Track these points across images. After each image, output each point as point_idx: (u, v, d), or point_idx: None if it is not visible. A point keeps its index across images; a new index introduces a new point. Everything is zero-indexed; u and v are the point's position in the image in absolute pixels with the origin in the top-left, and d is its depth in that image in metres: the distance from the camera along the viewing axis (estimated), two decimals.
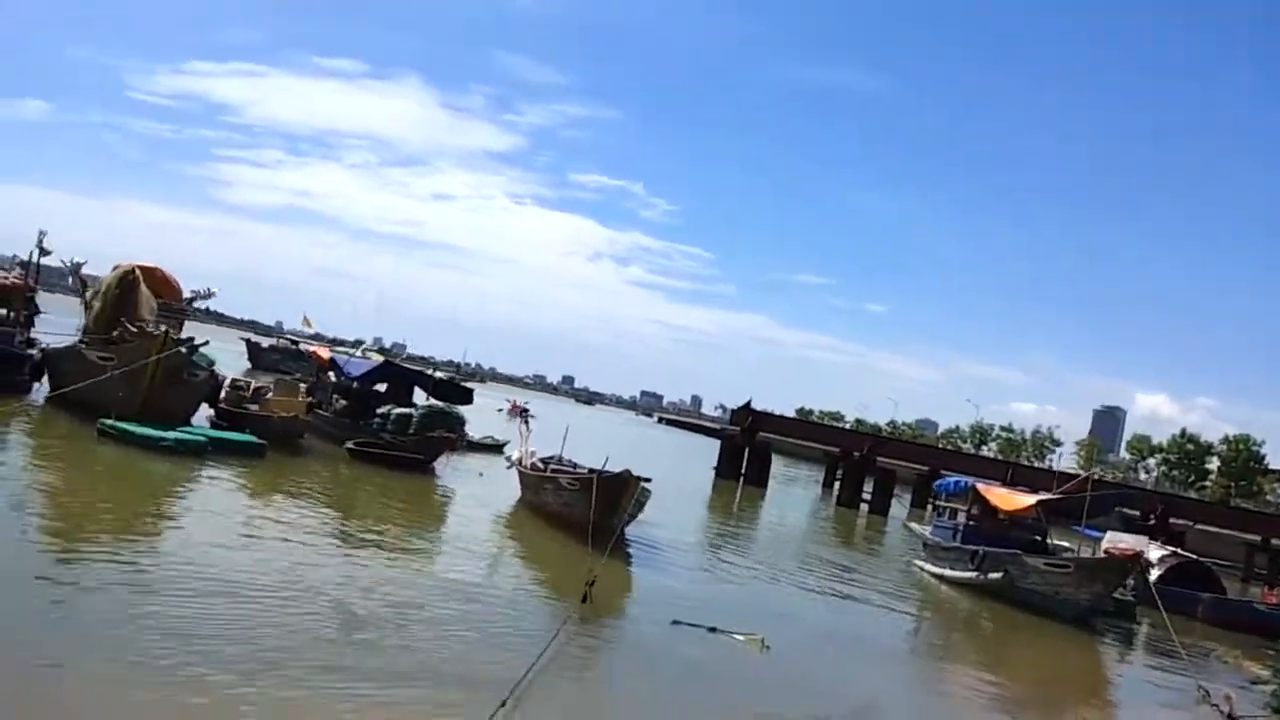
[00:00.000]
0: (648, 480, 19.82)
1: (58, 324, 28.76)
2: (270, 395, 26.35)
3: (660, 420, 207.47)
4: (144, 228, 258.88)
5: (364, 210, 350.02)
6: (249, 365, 58.90)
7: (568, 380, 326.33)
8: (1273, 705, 15.90)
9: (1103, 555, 21.78)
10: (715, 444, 59.16)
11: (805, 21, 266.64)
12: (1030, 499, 23.74)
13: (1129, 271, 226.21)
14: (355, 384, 29.63)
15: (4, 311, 25.89)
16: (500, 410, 64.68)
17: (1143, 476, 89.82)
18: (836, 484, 51.24)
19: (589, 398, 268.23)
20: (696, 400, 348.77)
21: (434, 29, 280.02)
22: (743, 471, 49.27)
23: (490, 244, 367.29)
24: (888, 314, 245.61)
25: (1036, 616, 21.53)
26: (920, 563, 26.88)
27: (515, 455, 25.49)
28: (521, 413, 66.49)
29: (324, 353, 32.15)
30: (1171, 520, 44.54)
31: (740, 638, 13.90)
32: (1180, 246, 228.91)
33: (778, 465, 72.82)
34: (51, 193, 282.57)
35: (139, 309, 23.88)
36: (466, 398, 30.16)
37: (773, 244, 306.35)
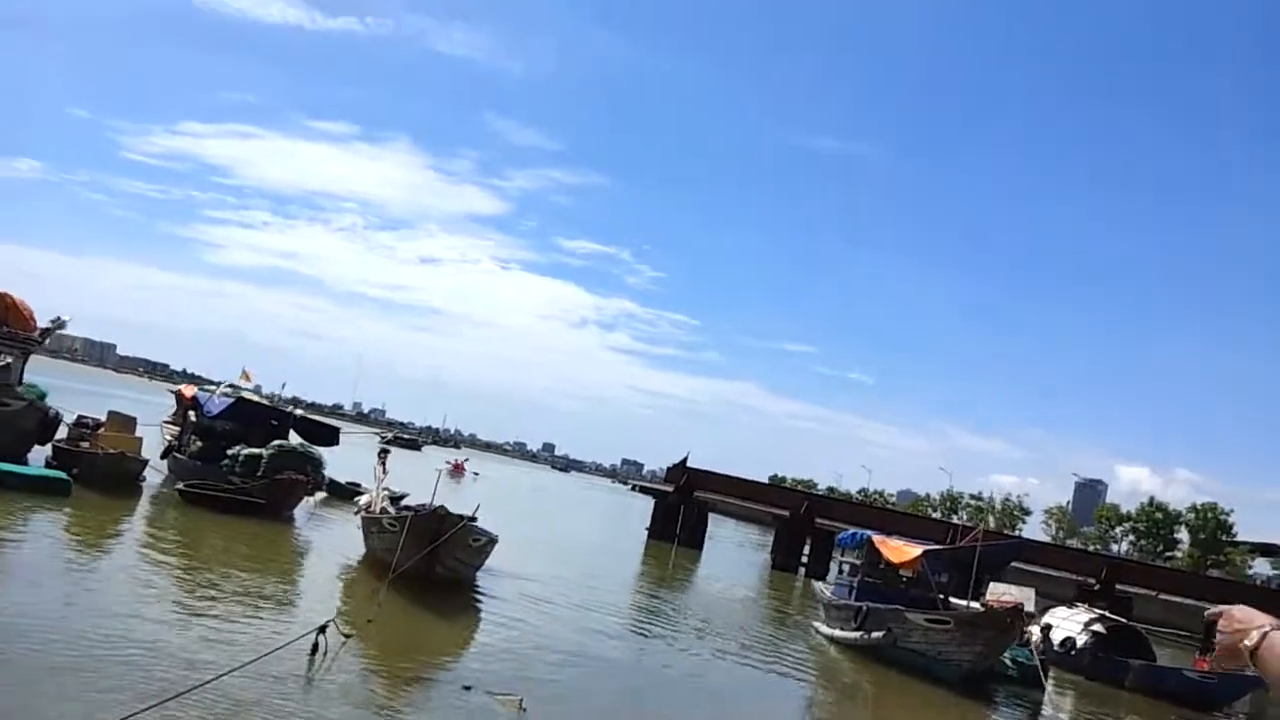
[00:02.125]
0: (471, 519, 17.72)
1: None
2: (102, 431, 24.12)
3: (634, 487, 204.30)
4: (131, 288, 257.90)
5: (350, 273, 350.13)
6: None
7: (548, 447, 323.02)
8: None
9: (980, 610, 19.43)
10: None
11: (792, 87, 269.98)
12: (917, 549, 21.54)
13: (1115, 344, 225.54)
14: (212, 423, 27.38)
15: None
16: (439, 470, 62.17)
17: (1114, 548, 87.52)
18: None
19: (566, 465, 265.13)
20: None
21: (425, 92, 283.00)
22: (677, 532, 46.77)
23: (475, 308, 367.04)
24: (875, 384, 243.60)
25: (922, 681, 19.24)
26: (817, 624, 24.61)
27: (364, 500, 23.17)
28: (463, 472, 64.20)
29: (187, 390, 29.93)
30: (1118, 586, 42.40)
31: (500, 697, 11.65)
32: (1166, 318, 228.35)
33: (726, 528, 70.70)
34: (40, 252, 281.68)
35: None
36: (330, 438, 27.95)
37: (759, 311, 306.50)
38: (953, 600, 21.93)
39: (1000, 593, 19.18)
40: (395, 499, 24.49)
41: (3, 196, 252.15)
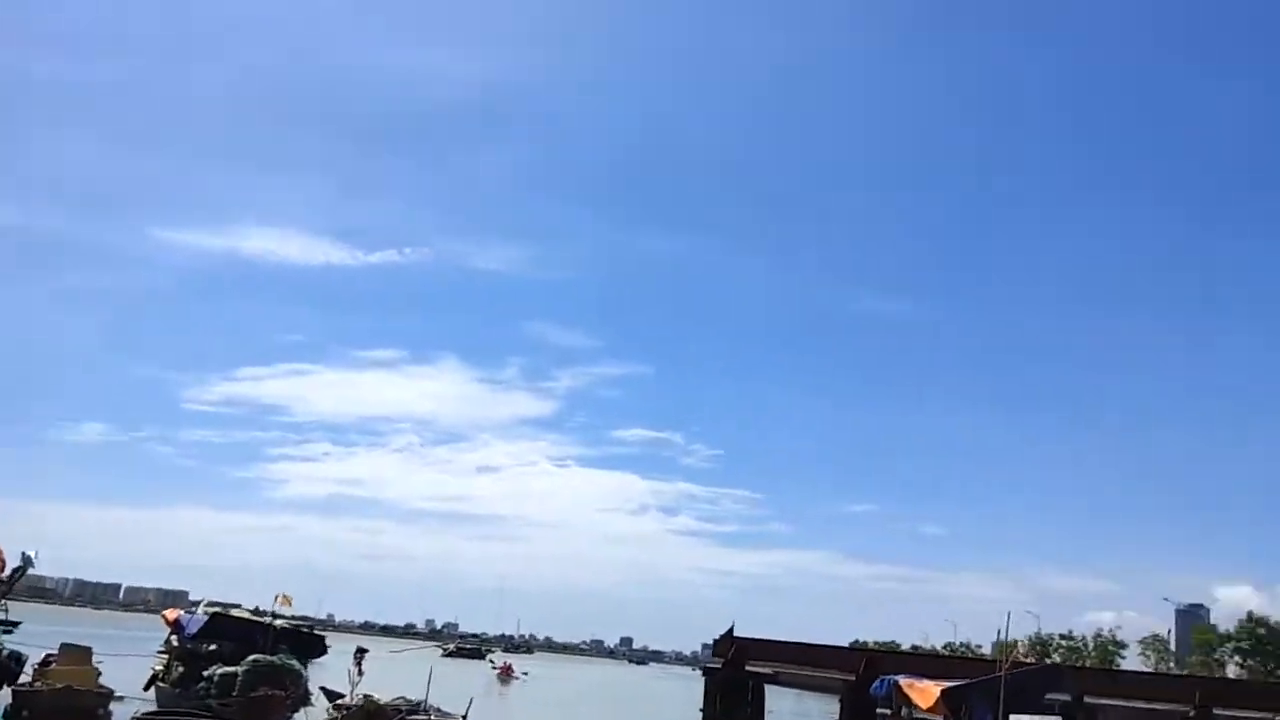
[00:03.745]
0: (412, 710, 15.87)
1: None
2: (53, 665, 22.62)
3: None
4: (200, 533, 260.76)
5: (410, 490, 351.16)
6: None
7: (625, 641, 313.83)
8: None
9: None
10: None
11: (820, 253, 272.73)
12: (937, 689, 19.05)
13: (1194, 466, 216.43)
14: (193, 644, 25.78)
15: None
16: (493, 667, 59.72)
17: (1230, 671, 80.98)
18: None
19: (644, 657, 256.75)
20: None
21: (467, 308, 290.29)
22: (717, 710, 43.50)
23: (535, 509, 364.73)
24: (950, 534, 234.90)
25: None
26: None
27: (342, 703, 21.27)
28: (511, 674, 61.83)
29: (170, 614, 28.38)
30: (1216, 710, 38.27)
31: None
32: (1246, 430, 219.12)
33: (787, 700, 66.27)
34: (113, 509, 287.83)
35: None
36: (315, 647, 26.15)
37: (818, 476, 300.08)
38: None
39: None
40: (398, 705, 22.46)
41: (74, 461, 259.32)
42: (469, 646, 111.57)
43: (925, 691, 19.56)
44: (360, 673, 22.40)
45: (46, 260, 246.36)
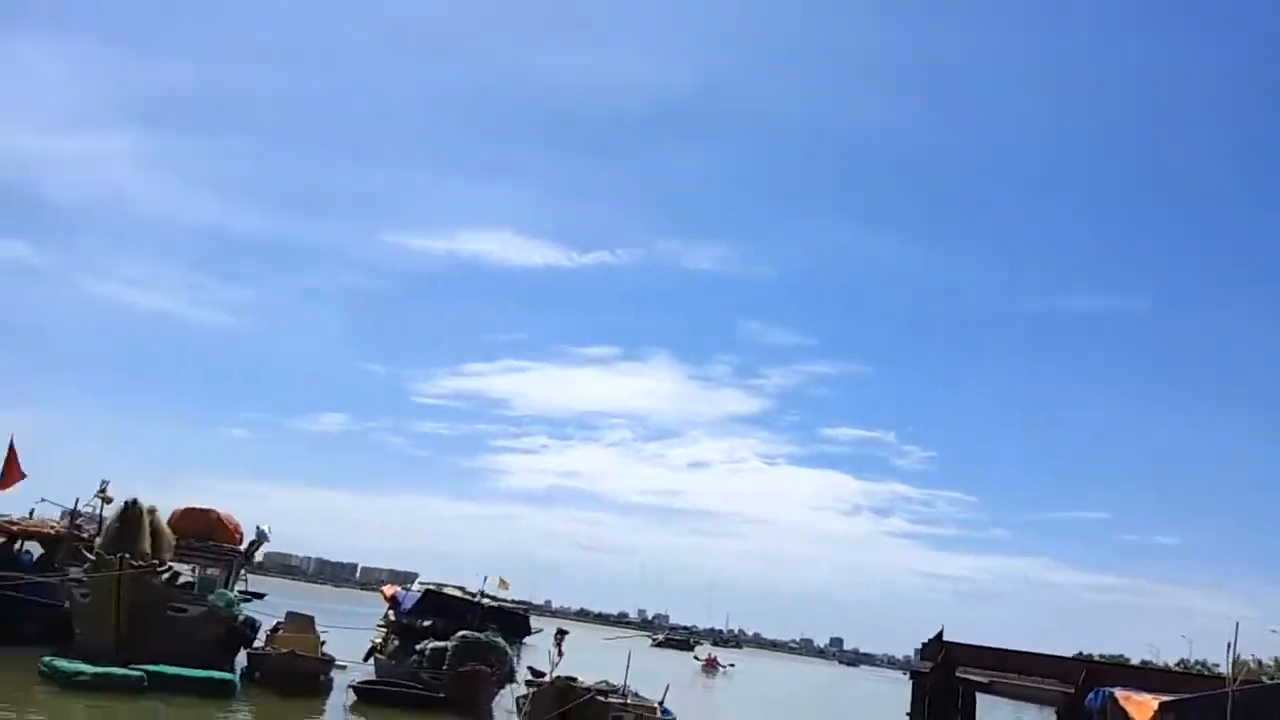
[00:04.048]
0: (605, 692, 16.18)
1: None
2: (279, 632, 24.27)
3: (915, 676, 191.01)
4: (429, 520, 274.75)
5: (625, 484, 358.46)
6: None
7: (836, 642, 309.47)
8: None
9: None
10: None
11: (1044, 250, 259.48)
12: (1154, 702, 17.73)
13: None
14: (408, 620, 27.14)
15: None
16: (698, 659, 60.09)
17: None
18: None
19: (854, 659, 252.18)
20: None
21: (679, 307, 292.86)
22: (925, 714, 42.08)
23: (747, 506, 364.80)
24: (1181, 545, 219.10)
25: None
26: None
27: (538, 680, 21.88)
28: (716, 667, 62.21)
29: (388, 590, 30.03)
30: None
31: None
32: None
33: (1003, 711, 63.51)
34: (346, 494, 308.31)
35: (139, 543, 22.22)
36: (521, 627, 27.01)
37: (1040, 480, 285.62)
38: None
39: None
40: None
41: (316, 449, 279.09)
42: (678, 638, 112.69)
43: (1143, 705, 18.28)
44: (560, 653, 22.93)
45: (292, 263, 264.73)
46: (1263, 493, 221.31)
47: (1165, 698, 18.61)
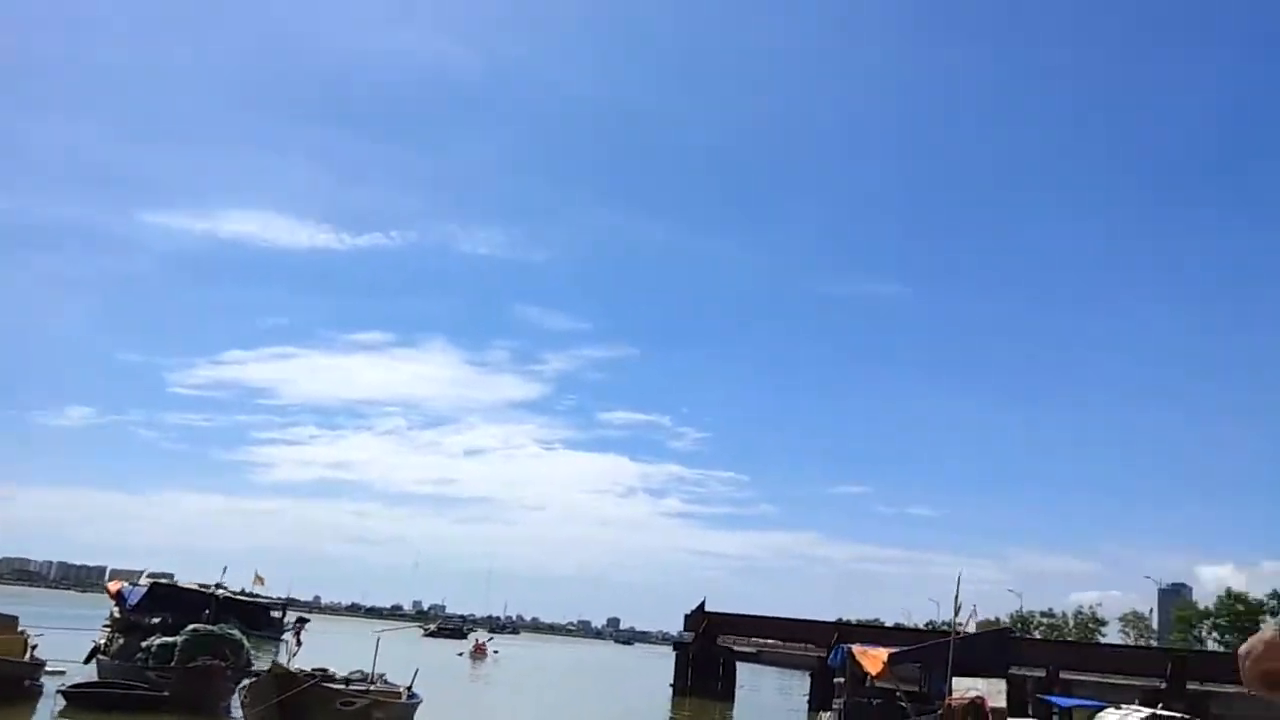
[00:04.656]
0: (323, 678, 15.25)
1: None
2: None
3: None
4: (187, 516, 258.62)
5: (399, 474, 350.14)
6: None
7: (613, 622, 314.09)
8: None
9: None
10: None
11: (807, 237, 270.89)
12: (882, 654, 18.55)
13: (1178, 448, 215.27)
14: (134, 616, 25.10)
15: None
16: (460, 654, 58.67)
17: (1210, 647, 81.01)
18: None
19: (630, 637, 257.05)
20: None
21: (454, 292, 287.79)
22: (688, 684, 43.20)
23: (523, 492, 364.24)
24: (938, 516, 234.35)
25: None
26: None
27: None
28: (484, 653, 61.20)
29: (113, 586, 27.68)
30: (1190, 684, 37.98)
31: None
32: (1232, 411, 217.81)
33: (768, 677, 66.16)
34: (93, 493, 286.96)
35: None
36: (261, 619, 25.51)
37: (807, 459, 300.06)
38: None
39: (964, 689, 16.01)
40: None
41: (60, 445, 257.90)
42: (450, 626, 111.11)
43: (875, 657, 19.08)
44: (299, 643, 21.73)
45: (35, 243, 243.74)
46: (1007, 463, 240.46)
47: (894, 650, 19.47)
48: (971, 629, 20.47)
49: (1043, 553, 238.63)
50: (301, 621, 22.98)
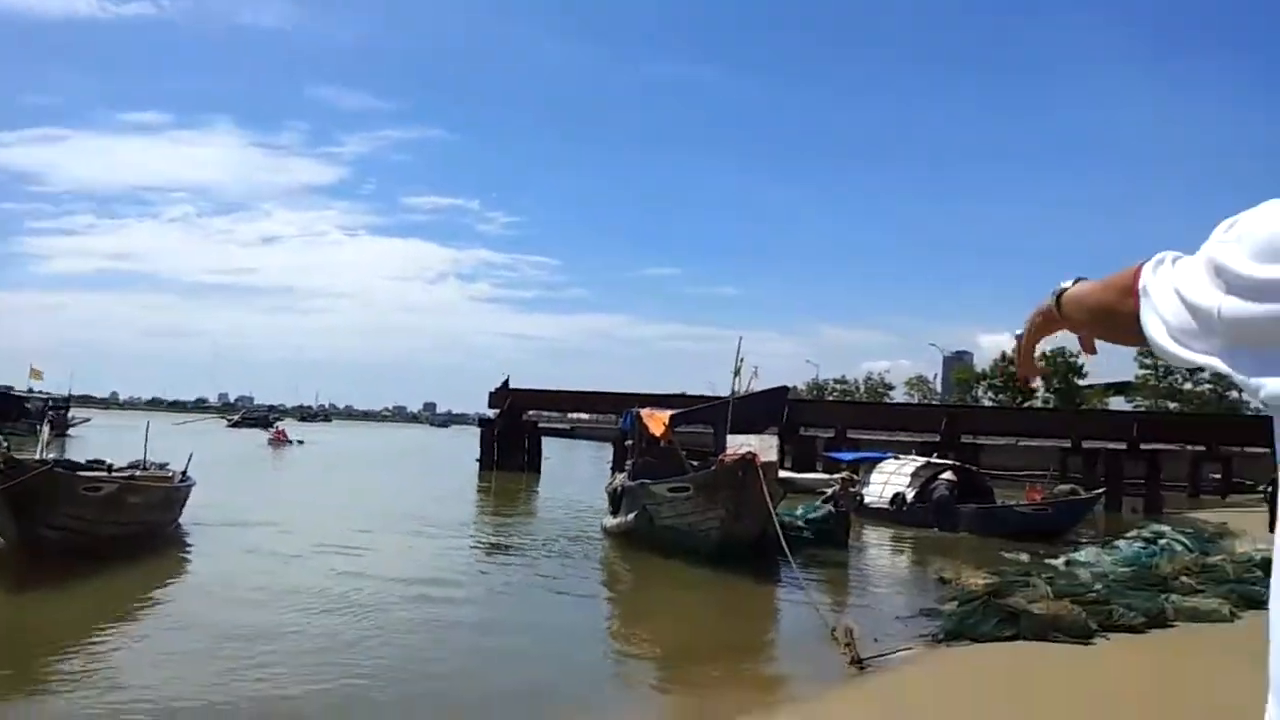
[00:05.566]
0: (57, 465, 14.26)
1: None
2: None
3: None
4: None
5: (192, 264, 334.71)
6: None
7: (429, 406, 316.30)
8: (946, 628, 11.60)
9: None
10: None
11: (613, 19, 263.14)
12: (664, 415, 18.72)
13: (964, 221, 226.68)
14: None
15: None
16: (263, 445, 57.18)
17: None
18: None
19: (446, 420, 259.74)
20: None
21: (239, 69, 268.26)
22: (494, 459, 43.70)
23: (328, 280, 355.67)
24: (744, 295, 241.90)
25: (677, 560, 16.29)
26: (604, 519, 21.43)
27: None
28: (284, 440, 59.83)
29: None
30: (964, 437, 40.76)
31: None
32: (1013, 194, 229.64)
33: (578, 451, 67.94)
34: None
35: None
36: (13, 409, 23.66)
37: (618, 242, 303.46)
38: None
39: (737, 445, 16.25)
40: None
41: None
42: (255, 417, 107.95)
43: (658, 419, 19.25)
44: (54, 432, 20.27)
45: None
46: (810, 246, 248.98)
47: (676, 411, 19.68)
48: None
49: (840, 327, 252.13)
50: (56, 411, 21.31)
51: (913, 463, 28.23)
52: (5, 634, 10.61)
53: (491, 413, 47.20)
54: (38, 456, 19.05)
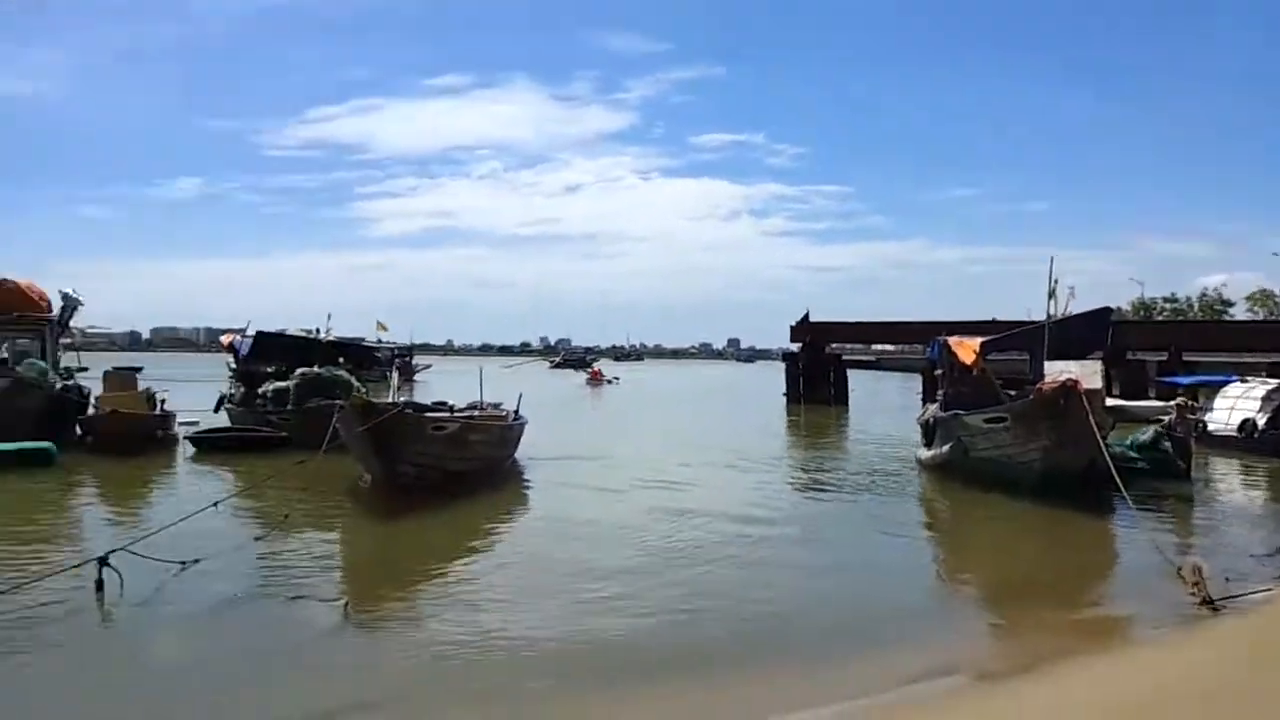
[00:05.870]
0: (406, 407, 15.83)
1: None
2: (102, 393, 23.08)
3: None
4: (306, 276, 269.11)
5: (502, 218, 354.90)
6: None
7: (733, 343, 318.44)
8: None
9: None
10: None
11: None
12: (975, 343, 17.93)
13: None
14: (247, 366, 26.19)
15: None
16: (582, 385, 60.48)
17: None
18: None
19: (750, 355, 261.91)
20: None
21: (525, 25, 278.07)
22: (800, 392, 43.83)
23: (627, 224, 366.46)
24: (1051, 209, 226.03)
25: (995, 494, 15.85)
26: (917, 451, 21.15)
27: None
28: (601, 379, 62.95)
29: (225, 339, 28.66)
30: None
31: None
32: None
33: (888, 382, 66.73)
34: (219, 261, 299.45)
35: None
36: (365, 358, 26.27)
37: (914, 165, 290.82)
38: None
39: (1056, 372, 15.37)
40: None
41: (178, 217, 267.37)
42: (574, 358, 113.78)
43: (968, 347, 18.52)
44: (403, 379, 22.44)
45: (97, 19, 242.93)
46: (1125, 156, 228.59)
47: (987, 338, 18.92)
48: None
49: (1165, 239, 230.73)
50: (402, 359, 23.56)
51: (1264, 385, 25.63)
52: (385, 559, 12.05)
53: (794, 347, 47.38)
54: (389, 399, 21.30)
